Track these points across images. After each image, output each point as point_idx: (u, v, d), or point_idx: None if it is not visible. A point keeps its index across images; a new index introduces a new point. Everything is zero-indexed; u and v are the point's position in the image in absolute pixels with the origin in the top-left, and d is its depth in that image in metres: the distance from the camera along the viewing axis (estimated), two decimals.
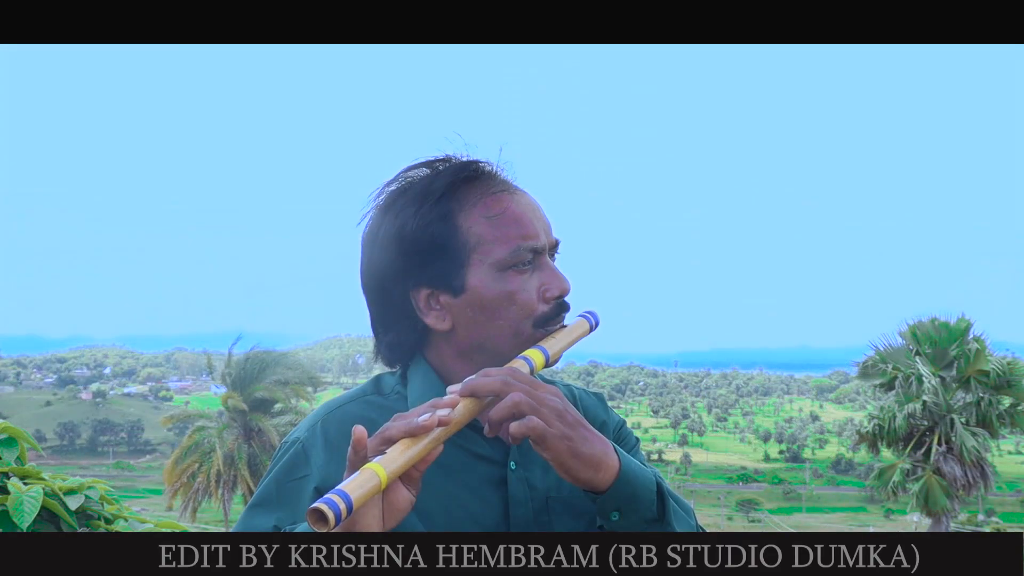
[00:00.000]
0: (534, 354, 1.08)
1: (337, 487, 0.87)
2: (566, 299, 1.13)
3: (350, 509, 0.86)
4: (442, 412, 0.95)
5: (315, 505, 0.85)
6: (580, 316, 1.16)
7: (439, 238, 1.08)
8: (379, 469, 0.90)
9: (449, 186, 1.10)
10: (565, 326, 1.13)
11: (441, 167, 1.13)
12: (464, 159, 1.14)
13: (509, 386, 0.98)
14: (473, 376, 1.00)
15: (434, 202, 1.09)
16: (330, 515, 0.84)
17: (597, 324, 1.17)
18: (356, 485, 0.88)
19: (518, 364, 1.05)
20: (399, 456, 0.92)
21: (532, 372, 1.06)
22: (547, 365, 1.10)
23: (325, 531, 0.85)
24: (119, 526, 2.13)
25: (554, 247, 1.14)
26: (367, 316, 1.17)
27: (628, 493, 1.01)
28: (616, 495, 1.01)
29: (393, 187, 1.14)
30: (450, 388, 1.01)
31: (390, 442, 0.94)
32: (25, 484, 1.94)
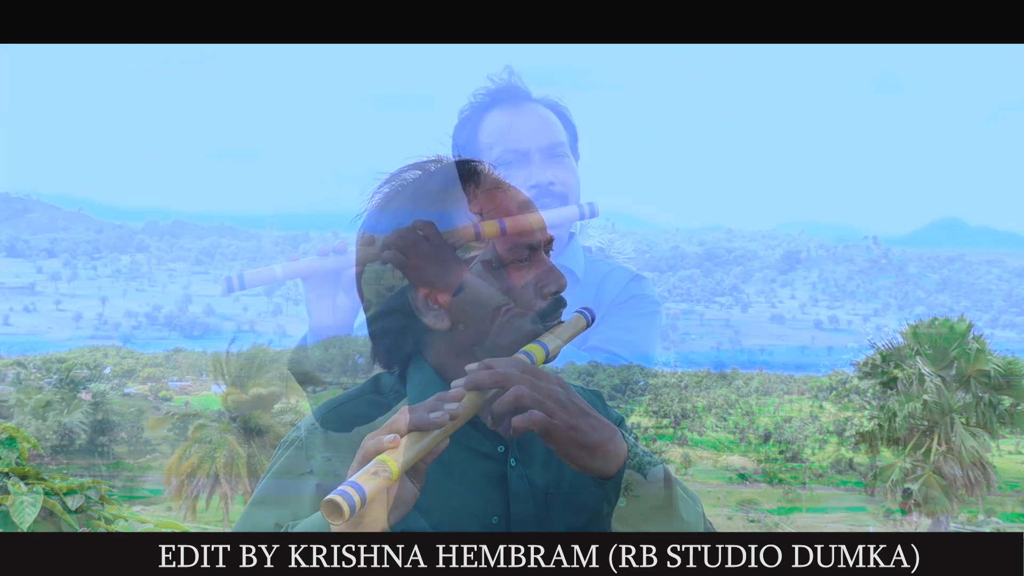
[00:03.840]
0: (534, 349, 1.07)
1: (349, 479, 0.88)
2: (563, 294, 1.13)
3: (363, 500, 0.86)
4: (451, 406, 0.96)
5: (330, 497, 0.85)
6: (576, 312, 1.16)
7: (435, 238, 1.08)
8: (390, 461, 0.90)
9: (443, 186, 1.11)
10: (563, 322, 1.14)
11: (433, 167, 1.14)
12: (456, 159, 1.15)
13: (512, 378, 0.98)
14: (475, 365, 1.00)
15: (429, 202, 1.09)
16: (344, 506, 0.85)
17: (593, 319, 1.18)
18: (368, 476, 0.88)
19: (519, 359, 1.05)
20: (409, 448, 0.92)
21: None
22: (547, 360, 1.10)
23: (340, 523, 0.85)
24: (119, 526, 2.13)
25: (550, 243, 1.15)
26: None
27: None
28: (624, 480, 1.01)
29: (386, 189, 1.14)
30: (455, 383, 1.01)
31: (398, 434, 0.94)
32: (25, 484, 1.94)
